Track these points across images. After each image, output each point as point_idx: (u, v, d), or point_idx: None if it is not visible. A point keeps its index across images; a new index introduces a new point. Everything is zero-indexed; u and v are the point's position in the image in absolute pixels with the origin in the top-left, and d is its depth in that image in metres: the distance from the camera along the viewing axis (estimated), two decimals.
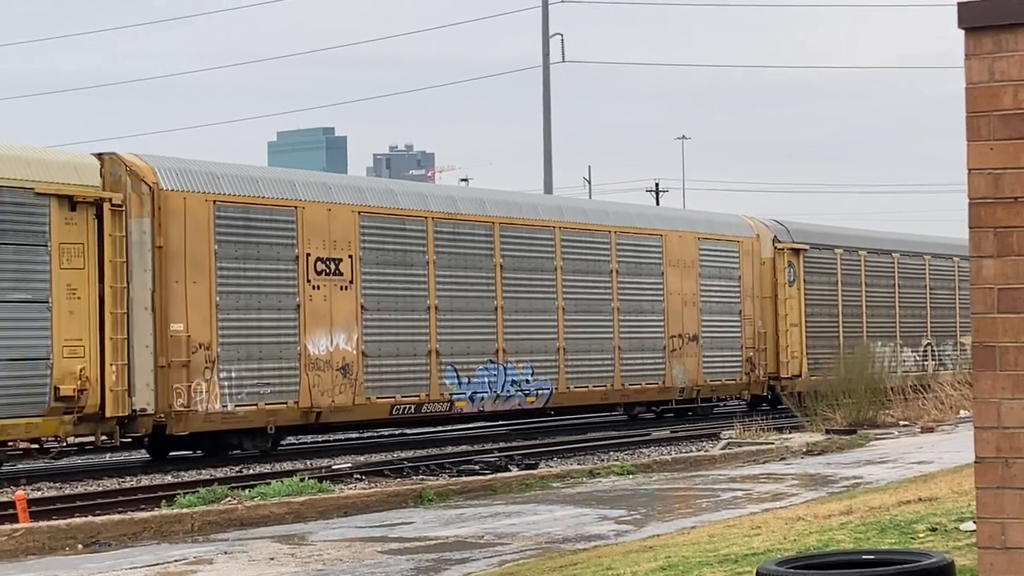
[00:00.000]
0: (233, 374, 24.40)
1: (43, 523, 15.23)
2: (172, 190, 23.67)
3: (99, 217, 22.62)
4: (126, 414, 22.90)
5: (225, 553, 13.57)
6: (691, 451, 25.54)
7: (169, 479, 22.22)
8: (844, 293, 39.19)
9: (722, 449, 24.44)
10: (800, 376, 36.82)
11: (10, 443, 21.76)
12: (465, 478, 20.06)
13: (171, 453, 25.75)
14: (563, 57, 54.04)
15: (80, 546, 14.49)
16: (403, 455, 25.32)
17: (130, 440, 24.47)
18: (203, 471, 23.46)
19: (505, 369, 29.35)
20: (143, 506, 17.98)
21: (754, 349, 36.03)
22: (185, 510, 16.07)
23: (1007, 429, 5.88)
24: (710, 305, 34.88)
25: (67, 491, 20.65)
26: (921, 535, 10.66)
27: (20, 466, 23.76)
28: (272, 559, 13.10)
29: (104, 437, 23.05)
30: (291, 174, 27.23)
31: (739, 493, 17.70)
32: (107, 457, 26.37)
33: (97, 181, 22.80)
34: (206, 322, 23.98)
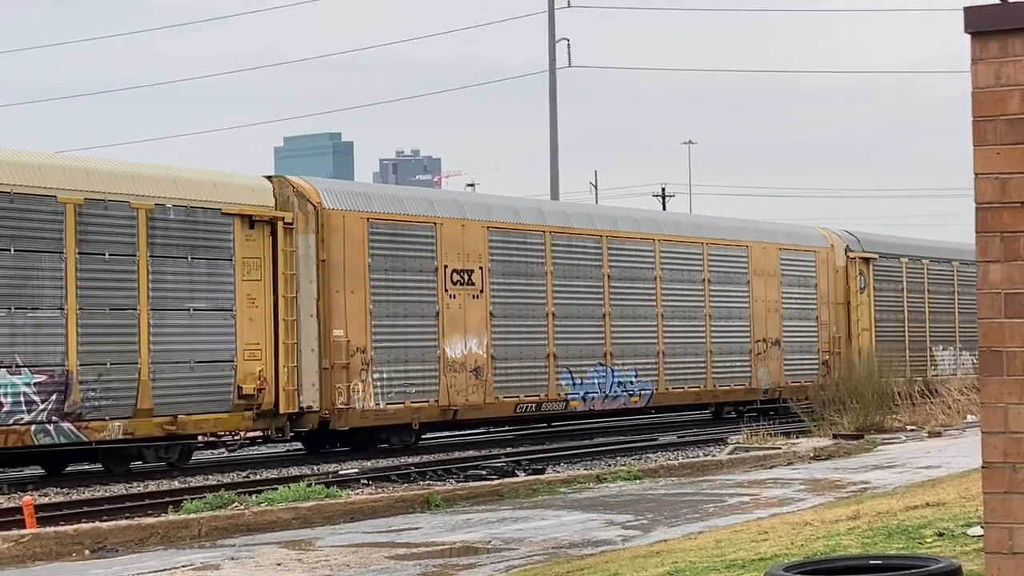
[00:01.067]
0: (384, 375, 26.94)
1: (50, 528, 15.24)
2: (333, 209, 26.34)
3: (273, 234, 25.37)
4: (296, 411, 25.52)
5: (232, 559, 13.57)
6: (698, 456, 25.54)
7: (176, 484, 22.24)
8: (909, 299, 41.39)
9: (729, 454, 24.42)
10: None
11: (199, 436, 24.67)
12: (472, 483, 20.06)
13: (324, 448, 28.33)
14: (569, 62, 54.11)
15: (87, 552, 14.49)
16: (410, 460, 25.31)
17: (292, 435, 27.06)
18: (210, 477, 23.49)
19: (612, 371, 31.85)
20: (150, 512, 18.00)
21: (829, 352, 38.28)
22: (192, 516, 16.07)
23: (1015, 434, 5.87)
24: (790, 311, 37.34)
25: (74, 496, 20.67)
26: (929, 540, 10.65)
27: (205, 455, 27.06)
28: (279, 564, 13.10)
29: (273, 431, 25.78)
30: (429, 193, 31.46)
31: (746, 498, 17.68)
32: (266, 448, 28.85)
33: (271, 202, 25.56)
34: (362, 328, 26.58)
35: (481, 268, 28.82)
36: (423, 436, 29.26)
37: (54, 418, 22.17)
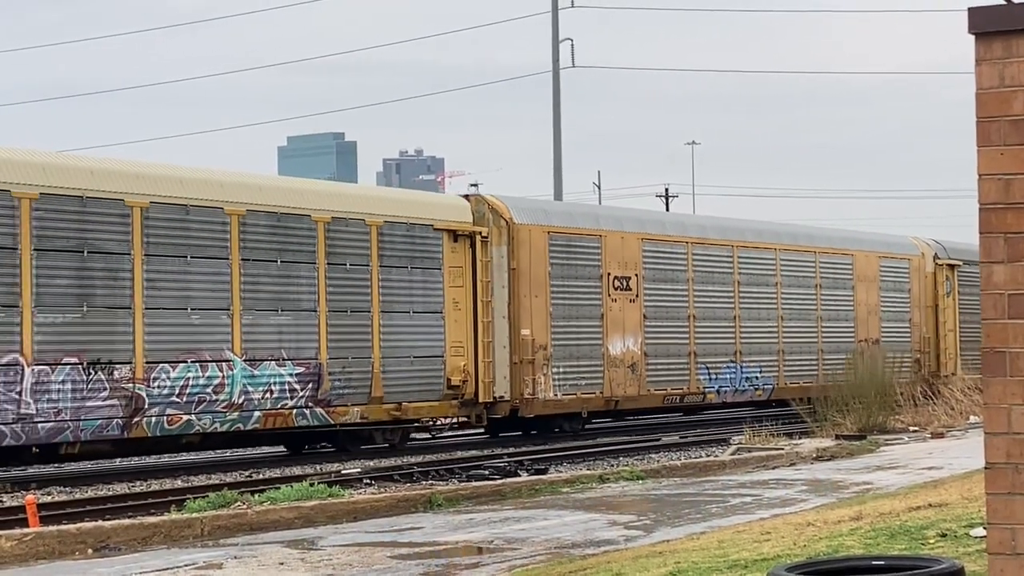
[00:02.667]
0: (560, 369, 30.60)
1: (53, 528, 15.23)
2: (522, 224, 30.08)
3: (472, 246, 29.18)
4: (491, 400, 29.34)
5: (235, 558, 13.58)
6: (701, 456, 25.52)
7: (179, 484, 22.25)
8: None
9: (732, 455, 24.41)
10: (955, 373, 40.72)
11: (417, 421, 28.57)
12: (475, 483, 20.05)
13: (500, 433, 31.72)
14: (573, 62, 54.05)
15: (90, 551, 14.50)
16: (412, 460, 25.32)
17: (471, 421, 30.15)
18: (213, 476, 23.50)
19: (741, 367, 35.43)
20: (153, 511, 17.99)
21: (920, 351, 41.67)
22: (195, 515, 16.07)
23: (1018, 435, 5.87)
24: (887, 314, 40.79)
25: (77, 496, 20.67)
26: (931, 541, 10.64)
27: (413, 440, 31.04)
28: (282, 564, 13.10)
29: (473, 418, 29.65)
30: (596, 209, 35.74)
31: (749, 499, 17.68)
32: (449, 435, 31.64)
33: (470, 218, 29.35)
34: (544, 328, 30.30)
35: (636, 275, 32.57)
36: (588, 423, 33.05)
37: (309, 404, 26.04)
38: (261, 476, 23.13)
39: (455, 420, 29.74)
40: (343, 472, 22.97)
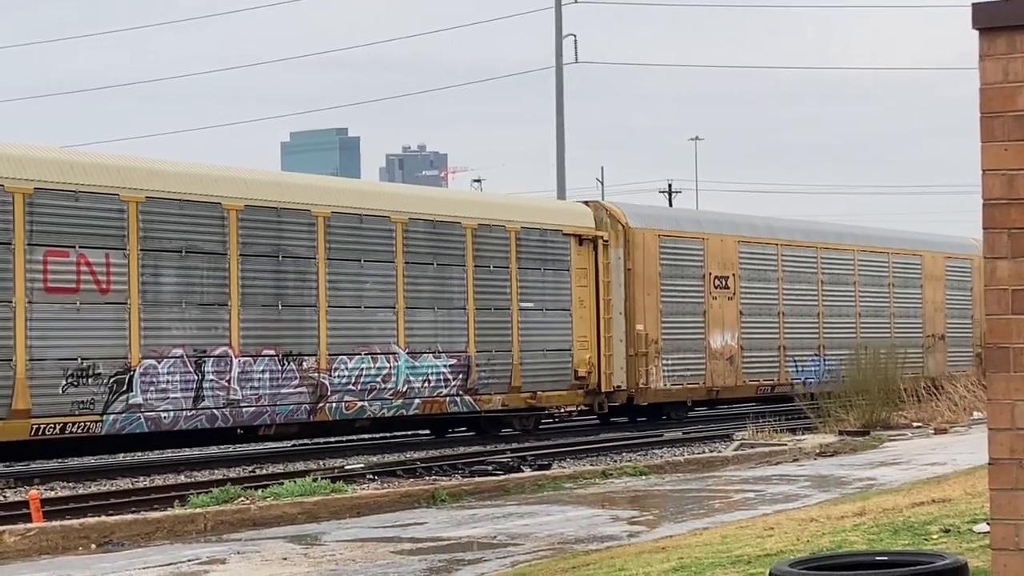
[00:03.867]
0: (669, 361, 33.46)
1: (56, 523, 15.25)
2: (636, 228, 33.03)
3: (594, 249, 32.07)
4: (611, 389, 32.24)
5: (238, 553, 13.58)
6: (704, 452, 25.52)
7: (183, 479, 22.27)
8: None
9: (735, 450, 24.41)
10: None
11: (546, 409, 31.99)
12: (478, 479, 20.06)
13: (612, 419, 34.30)
14: (576, 58, 54.03)
15: (93, 546, 14.50)
16: (416, 455, 25.33)
17: (592, 408, 32.77)
18: (216, 471, 23.51)
19: (824, 360, 38.14)
20: (156, 506, 17.99)
21: (981, 347, 42.22)
22: (198, 510, 16.07)
23: (1021, 431, 5.87)
24: (951, 311, 43.44)
25: (80, 491, 20.68)
26: (934, 537, 10.64)
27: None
28: (285, 559, 13.11)
29: (596, 406, 32.40)
30: (697, 214, 38.55)
31: (752, 494, 17.68)
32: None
33: (592, 223, 32.28)
34: (655, 323, 33.17)
35: (734, 275, 35.48)
36: (691, 411, 36.18)
37: (460, 392, 28.99)
38: (264, 471, 23.14)
39: (576, 408, 32.88)
40: (346, 468, 22.98)
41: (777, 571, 6.30)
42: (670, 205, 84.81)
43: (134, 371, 23.53)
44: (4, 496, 20.11)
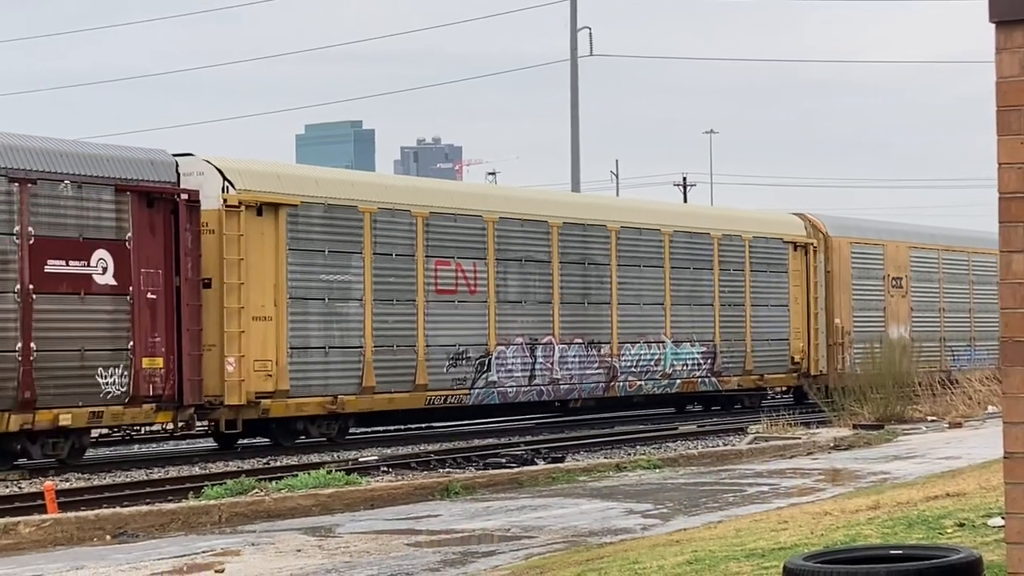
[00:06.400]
0: (858, 350, 37.47)
1: (71, 514, 15.28)
2: (834, 236, 38.29)
3: (805, 254, 37.44)
4: (817, 373, 37.08)
5: (252, 544, 13.61)
6: (718, 445, 25.51)
7: (197, 471, 22.30)
8: None
9: (749, 444, 24.39)
10: None
11: (771, 389, 37.65)
12: (492, 471, 20.07)
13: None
14: (591, 51, 53.98)
15: (108, 537, 14.54)
16: (430, 448, 25.34)
17: (802, 388, 36.70)
18: (231, 463, 23.55)
19: (975, 350, 42.80)
20: (170, 498, 18.03)
21: None
22: (212, 502, 16.11)
23: None
24: None
25: (95, 482, 20.72)
26: (949, 531, 10.63)
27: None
28: (299, 551, 13.13)
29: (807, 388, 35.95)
30: (877, 224, 42.10)
31: (766, 488, 17.68)
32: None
33: (803, 233, 37.61)
34: (848, 317, 38.22)
35: (906, 276, 40.70)
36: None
37: (708, 375, 34.53)
38: (278, 463, 23.17)
39: (784, 389, 38.57)
40: (360, 460, 22.99)
41: (791, 564, 6.30)
42: (684, 199, 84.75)
43: (491, 355, 29.43)
44: (19, 487, 20.16)
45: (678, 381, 33.89)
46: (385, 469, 21.80)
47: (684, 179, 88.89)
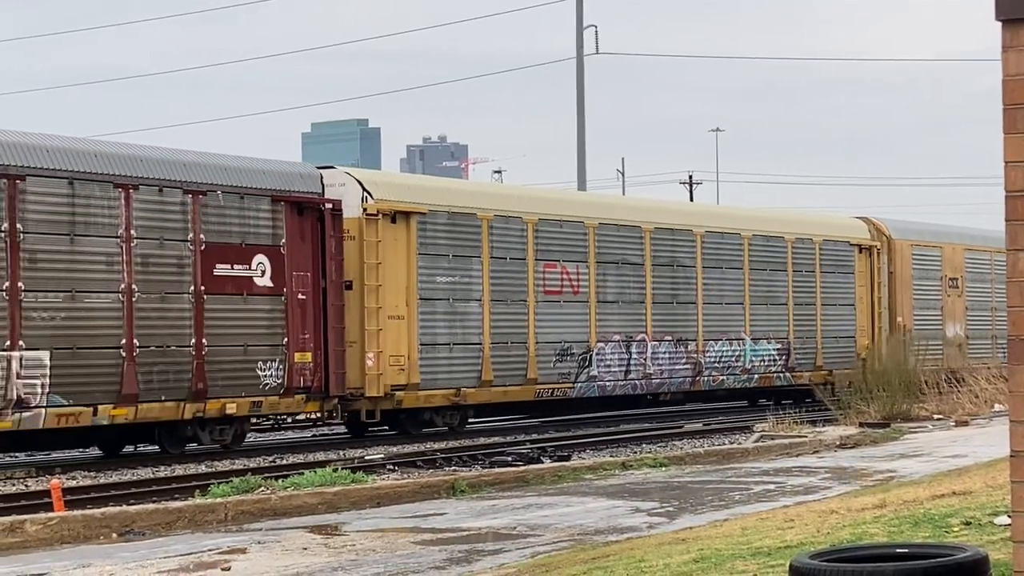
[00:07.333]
0: (921, 346, 37.18)
1: (78, 512, 15.30)
2: (896, 239, 40.37)
3: (870, 256, 39.33)
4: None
5: (258, 543, 13.61)
6: (724, 444, 25.51)
7: (203, 469, 22.32)
8: None
9: (755, 442, 24.38)
10: None
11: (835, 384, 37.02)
12: (498, 469, 20.07)
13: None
14: (597, 49, 53.96)
15: (115, 535, 14.55)
16: (435, 446, 25.35)
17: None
18: (237, 461, 23.57)
19: (996, 348, 43.51)
20: (177, 496, 18.05)
21: None
22: (219, 500, 16.11)
23: None
24: None
25: (102, 480, 20.74)
26: (955, 529, 10.62)
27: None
28: (305, 549, 13.13)
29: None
30: (934, 227, 44.12)
31: (772, 486, 17.67)
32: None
33: (868, 235, 39.42)
34: (909, 316, 40.38)
35: (961, 277, 42.70)
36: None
37: (783, 370, 36.63)
38: (285, 461, 23.19)
39: (848, 384, 38.56)
40: (366, 458, 23.01)
41: (798, 563, 6.30)
42: (691, 197, 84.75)
43: (592, 351, 31.48)
44: (26, 485, 20.19)
45: (756, 376, 35.89)
46: (391, 467, 21.82)
47: (690, 177, 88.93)
